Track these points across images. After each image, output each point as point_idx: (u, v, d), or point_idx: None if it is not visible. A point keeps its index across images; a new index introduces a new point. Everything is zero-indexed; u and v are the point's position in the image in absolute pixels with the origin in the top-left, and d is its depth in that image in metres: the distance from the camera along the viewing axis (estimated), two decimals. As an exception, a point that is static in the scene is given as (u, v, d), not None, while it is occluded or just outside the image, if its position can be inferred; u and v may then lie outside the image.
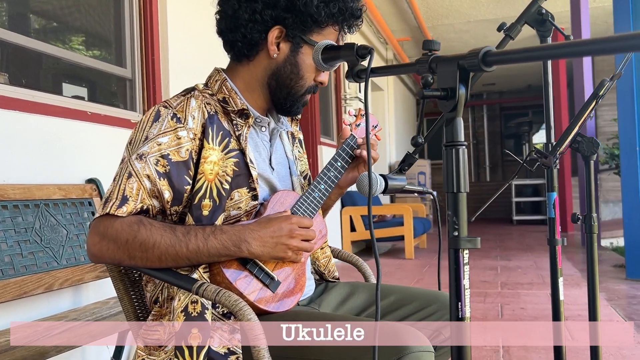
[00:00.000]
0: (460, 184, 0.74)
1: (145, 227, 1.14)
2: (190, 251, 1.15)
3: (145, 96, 3.35)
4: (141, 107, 3.33)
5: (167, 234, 1.15)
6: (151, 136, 1.20)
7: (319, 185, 1.36)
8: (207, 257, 1.16)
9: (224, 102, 1.30)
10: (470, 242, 0.74)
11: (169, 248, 1.14)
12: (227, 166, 1.24)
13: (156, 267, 1.17)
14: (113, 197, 1.15)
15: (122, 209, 1.14)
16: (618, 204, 10.59)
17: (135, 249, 1.13)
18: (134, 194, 1.16)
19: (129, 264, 1.17)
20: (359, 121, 1.50)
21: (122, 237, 1.13)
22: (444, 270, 1.03)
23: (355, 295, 1.41)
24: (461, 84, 0.74)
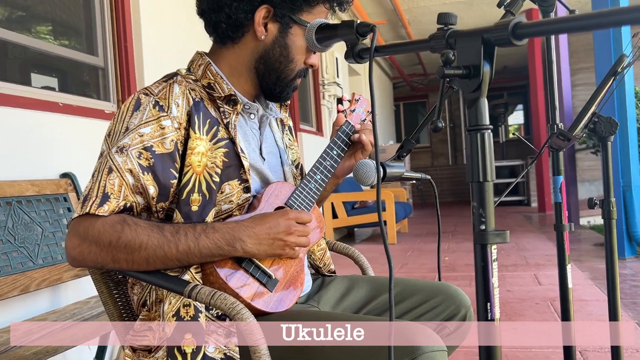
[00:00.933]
0: (487, 171, 0.67)
1: (130, 227, 1.05)
2: (180, 252, 1.06)
3: (119, 85, 3.22)
4: (115, 96, 3.20)
5: (154, 234, 1.06)
6: (132, 127, 1.10)
7: (315, 175, 1.28)
8: (198, 257, 1.08)
9: (210, 88, 1.21)
10: (499, 236, 0.67)
11: (156, 249, 1.05)
12: (216, 157, 1.15)
13: (143, 269, 1.08)
14: (92, 195, 1.06)
15: (103, 207, 1.04)
16: (594, 183, 10.73)
17: (119, 251, 1.04)
18: (116, 191, 1.06)
19: (112, 267, 1.07)
20: (354, 107, 1.42)
21: (105, 239, 1.04)
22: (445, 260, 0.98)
23: (355, 289, 1.34)
24: (485, 61, 0.67)
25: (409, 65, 12.39)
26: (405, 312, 1.29)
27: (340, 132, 1.35)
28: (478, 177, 0.67)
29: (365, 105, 1.45)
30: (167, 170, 1.10)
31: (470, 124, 0.68)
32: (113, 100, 3.18)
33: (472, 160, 0.67)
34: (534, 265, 4.75)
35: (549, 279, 4.17)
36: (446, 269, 4.82)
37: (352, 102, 1.43)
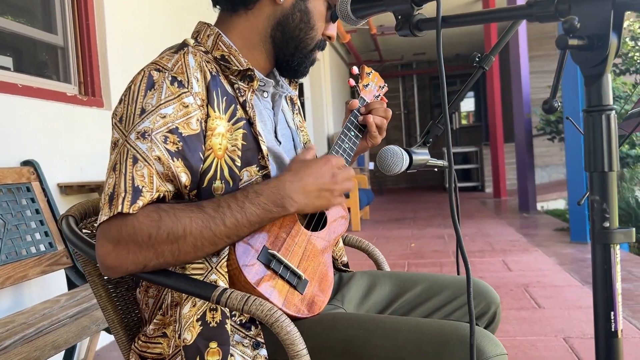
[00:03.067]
0: (612, 159, 0.57)
1: (168, 213, 0.92)
2: (228, 227, 0.94)
3: (80, 66, 3.00)
4: (76, 78, 2.98)
5: (195, 214, 0.93)
6: (150, 108, 0.96)
7: None
8: (248, 227, 0.96)
9: (224, 60, 1.07)
10: (624, 234, 0.58)
11: (203, 231, 0.92)
12: (236, 139, 1.03)
13: (190, 258, 0.95)
14: (120, 191, 0.91)
15: (137, 204, 0.90)
16: (545, 169, 11.01)
17: (162, 242, 0.91)
18: (147, 182, 0.92)
19: (156, 265, 0.93)
20: (366, 81, 1.31)
21: (143, 234, 0.90)
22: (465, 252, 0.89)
23: (378, 286, 1.24)
24: (614, 31, 0.57)
25: (366, 52, 12.34)
26: (434, 311, 1.20)
27: (356, 110, 1.24)
28: (602, 165, 0.57)
29: (376, 80, 1.34)
30: (197, 153, 0.98)
31: (591, 103, 0.58)
32: (74, 82, 2.96)
33: (594, 146, 0.57)
34: (501, 251, 4.78)
35: (518, 265, 4.20)
36: (414, 256, 4.80)
37: (362, 75, 1.32)
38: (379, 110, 1.25)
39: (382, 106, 1.26)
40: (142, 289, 1.06)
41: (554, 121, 6.78)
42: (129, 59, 3.27)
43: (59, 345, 1.47)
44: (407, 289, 1.23)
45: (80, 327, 1.60)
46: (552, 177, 11.08)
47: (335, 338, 0.96)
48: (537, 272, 3.96)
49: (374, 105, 1.25)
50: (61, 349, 1.49)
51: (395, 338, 0.92)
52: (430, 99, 14.83)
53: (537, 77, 10.40)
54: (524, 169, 7.25)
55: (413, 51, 13.08)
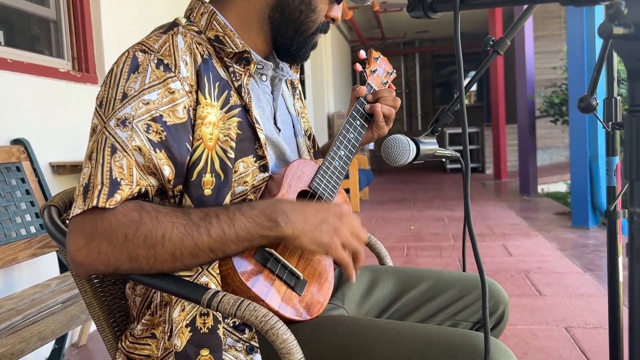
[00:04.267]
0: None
1: (150, 215, 0.84)
2: (213, 238, 0.85)
3: (73, 41, 2.90)
4: (70, 53, 2.88)
5: (179, 219, 0.85)
6: (132, 92, 0.88)
7: (339, 151, 1.09)
8: (235, 243, 0.87)
9: (218, 42, 0.99)
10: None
11: (184, 239, 0.84)
12: (229, 128, 0.94)
13: (167, 268, 0.86)
14: (97, 183, 0.83)
15: (114, 198, 0.82)
16: (546, 151, 10.92)
17: (137, 245, 0.83)
18: (126, 175, 0.84)
19: (129, 269, 0.85)
20: (374, 66, 1.22)
21: (119, 233, 0.82)
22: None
23: (380, 283, 1.17)
24: (666, 18, 0.49)
25: (368, 29, 12.15)
26: (440, 310, 1.14)
27: (363, 98, 1.16)
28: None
29: (384, 65, 1.25)
30: (183, 145, 0.89)
31: (635, 102, 0.50)
32: (68, 58, 2.86)
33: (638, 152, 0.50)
34: (501, 235, 4.73)
35: (518, 250, 4.15)
36: (413, 238, 4.75)
37: (370, 60, 1.23)
38: (387, 99, 1.16)
39: (391, 94, 1.17)
40: (130, 285, 0.99)
41: (557, 103, 6.66)
42: (124, 33, 3.16)
43: (46, 336, 1.41)
44: (411, 286, 1.16)
45: (69, 316, 1.54)
46: (553, 160, 11.00)
47: (335, 344, 0.89)
48: (538, 257, 3.91)
49: (382, 93, 1.16)
50: (48, 340, 1.43)
51: (400, 346, 0.85)
52: (433, 78, 14.66)
53: (541, 58, 10.26)
54: (525, 151, 7.17)
55: (416, 29, 12.89)
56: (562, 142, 10.85)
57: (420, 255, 4.12)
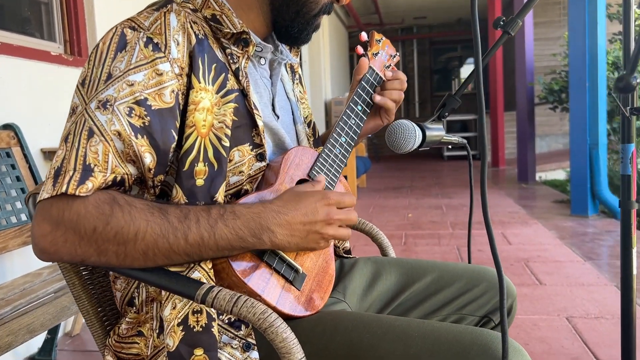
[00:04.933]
0: None
1: (122, 209, 0.78)
2: (190, 244, 0.80)
3: (65, 23, 2.82)
4: (62, 36, 2.80)
5: (155, 218, 0.79)
6: (117, 73, 0.82)
7: (340, 138, 1.03)
8: (214, 251, 0.82)
9: (215, 21, 0.92)
10: None
11: (158, 240, 0.79)
12: (225, 114, 0.88)
13: (139, 266, 0.81)
14: (69, 168, 0.78)
15: (85, 185, 0.77)
16: (544, 139, 10.87)
17: (107, 240, 0.77)
18: (101, 161, 0.79)
19: (97, 262, 0.80)
20: (376, 49, 1.16)
21: (87, 225, 0.77)
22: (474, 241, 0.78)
23: (383, 276, 1.12)
24: None
25: (365, 14, 12.03)
26: (445, 304, 1.09)
27: (364, 81, 1.10)
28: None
29: (387, 48, 1.20)
30: (167, 131, 0.83)
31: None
32: (59, 41, 2.79)
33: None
34: (499, 223, 4.69)
35: (517, 238, 4.11)
36: (411, 226, 4.71)
37: (372, 43, 1.17)
38: (394, 83, 1.11)
39: (398, 77, 1.12)
40: (112, 278, 0.94)
41: (557, 90, 6.60)
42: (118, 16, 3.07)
43: (35, 329, 1.36)
44: (415, 279, 1.12)
45: (60, 307, 1.49)
46: (551, 147, 10.96)
47: (337, 342, 0.84)
48: (538, 246, 3.88)
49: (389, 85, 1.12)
50: (37, 333, 1.38)
51: (407, 345, 0.81)
52: (430, 65, 14.56)
53: (541, 45, 10.18)
54: (524, 138, 7.11)
55: (414, 15, 12.77)
56: (561, 129, 10.80)
57: (419, 243, 4.08)
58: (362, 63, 1.12)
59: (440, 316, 1.09)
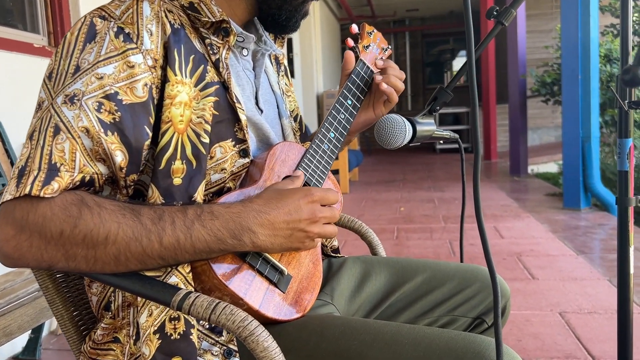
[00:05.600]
0: None
1: (91, 211, 0.73)
2: (165, 247, 0.75)
3: (49, 14, 2.75)
4: (45, 28, 2.73)
5: (127, 220, 0.74)
6: (85, 65, 0.77)
7: (328, 133, 0.99)
8: (191, 254, 0.77)
9: (193, 10, 0.87)
10: None
11: (131, 243, 0.74)
12: (204, 108, 0.83)
13: (110, 271, 0.76)
14: (33, 167, 0.73)
15: (50, 186, 0.72)
16: (536, 131, 10.87)
17: (75, 244, 0.73)
18: (68, 160, 0.74)
19: (65, 267, 0.75)
20: (367, 41, 1.12)
21: (54, 228, 0.72)
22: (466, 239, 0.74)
23: (373, 276, 1.08)
24: None
25: (357, 6, 11.96)
26: (437, 305, 1.05)
27: (354, 75, 1.05)
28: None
29: (378, 40, 1.15)
30: (140, 127, 0.78)
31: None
32: (43, 32, 2.72)
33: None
34: (492, 217, 4.67)
35: (510, 232, 4.09)
36: (403, 220, 4.67)
37: (363, 35, 1.12)
38: (393, 69, 1.06)
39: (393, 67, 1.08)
40: (87, 282, 0.89)
41: (549, 83, 6.57)
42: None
43: (12, 332, 1.31)
44: (405, 279, 1.08)
45: (39, 308, 1.44)
46: (543, 140, 10.96)
47: (323, 349, 0.80)
48: (530, 239, 3.85)
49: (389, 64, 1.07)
50: (14, 336, 1.33)
51: (397, 352, 0.76)
52: (422, 57, 14.53)
53: (533, 37, 10.15)
54: (516, 131, 7.09)
55: (406, 7, 12.72)
56: (552, 122, 10.81)
57: (411, 237, 4.05)
58: (346, 57, 1.07)
59: (432, 318, 1.05)
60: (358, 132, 1.12)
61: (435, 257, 3.49)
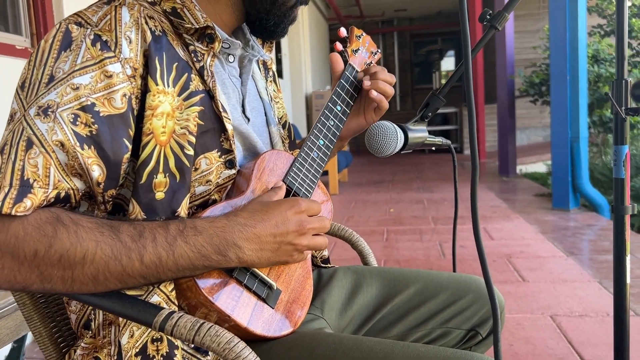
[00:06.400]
0: None
1: (68, 229, 0.69)
2: (146, 265, 0.71)
3: (32, 15, 2.69)
4: (28, 29, 2.68)
5: (105, 238, 0.70)
6: (60, 74, 0.73)
7: (317, 140, 0.96)
8: (173, 272, 0.74)
9: (176, 15, 0.83)
10: None
11: (110, 262, 0.70)
12: (188, 119, 0.80)
13: (88, 291, 0.73)
14: (4, 184, 0.68)
15: (23, 203, 0.68)
16: (524, 131, 10.92)
17: (51, 265, 0.69)
18: (41, 176, 0.70)
19: (41, 289, 0.71)
20: (356, 45, 1.09)
21: (28, 248, 0.68)
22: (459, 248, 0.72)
23: (364, 287, 1.05)
24: None
25: (346, 6, 11.94)
26: (430, 317, 1.02)
27: (343, 80, 1.02)
28: None
29: (367, 44, 1.12)
30: (119, 141, 0.74)
31: None
32: (26, 34, 2.66)
33: None
34: (481, 218, 4.66)
35: (500, 233, 4.08)
36: (393, 222, 4.65)
37: (352, 38, 1.09)
38: (383, 74, 1.02)
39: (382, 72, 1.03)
40: (65, 299, 0.85)
41: (537, 83, 6.59)
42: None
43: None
44: (397, 290, 1.04)
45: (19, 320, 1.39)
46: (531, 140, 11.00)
47: None
48: (520, 241, 3.85)
49: (376, 69, 1.02)
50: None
51: None
52: (411, 58, 14.54)
53: (521, 37, 10.18)
54: (505, 131, 7.10)
55: (394, 7, 12.72)
56: (540, 122, 10.85)
57: (400, 239, 4.03)
58: (332, 59, 1.03)
59: (425, 330, 1.02)
60: (349, 138, 1.09)
61: (425, 259, 3.48)
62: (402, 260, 3.48)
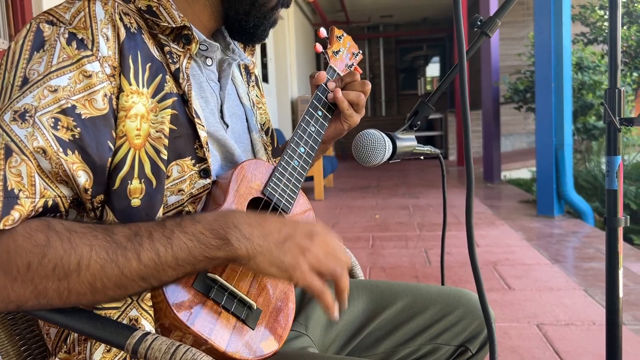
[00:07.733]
0: None
1: (61, 237, 0.65)
2: (145, 264, 0.66)
3: (10, 16, 2.63)
4: (6, 30, 2.61)
5: (99, 241, 0.66)
6: (35, 77, 0.68)
7: (298, 148, 0.91)
8: (174, 268, 0.68)
9: (151, 13, 0.79)
10: None
11: (106, 265, 0.65)
12: (163, 122, 0.75)
13: (86, 302, 0.68)
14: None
15: (10, 216, 0.63)
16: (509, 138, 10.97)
17: (45, 277, 0.64)
18: (27, 185, 0.65)
19: (36, 306, 0.66)
20: (336, 46, 1.04)
21: (20, 261, 0.63)
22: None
23: (351, 302, 1.01)
24: None
25: (331, 12, 11.94)
26: (418, 333, 0.99)
27: (324, 84, 0.98)
28: None
29: (349, 45, 1.07)
30: (103, 144, 0.70)
31: None
32: (4, 35, 2.60)
33: None
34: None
35: (485, 240, 4.07)
36: (379, 228, 4.63)
37: (332, 39, 1.05)
38: (355, 85, 0.97)
39: (357, 78, 0.99)
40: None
41: (522, 90, 6.62)
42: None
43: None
44: (385, 304, 1.01)
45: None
46: (515, 146, 11.06)
47: None
48: (505, 248, 3.84)
49: (347, 78, 0.97)
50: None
51: None
52: (396, 63, 14.57)
53: (506, 44, 10.24)
54: (490, 137, 7.12)
55: (380, 13, 12.74)
56: (524, 128, 10.92)
57: (386, 246, 4.00)
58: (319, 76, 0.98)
59: (413, 347, 0.99)
60: (334, 140, 1.04)
61: (411, 267, 3.45)
62: (388, 268, 3.44)
